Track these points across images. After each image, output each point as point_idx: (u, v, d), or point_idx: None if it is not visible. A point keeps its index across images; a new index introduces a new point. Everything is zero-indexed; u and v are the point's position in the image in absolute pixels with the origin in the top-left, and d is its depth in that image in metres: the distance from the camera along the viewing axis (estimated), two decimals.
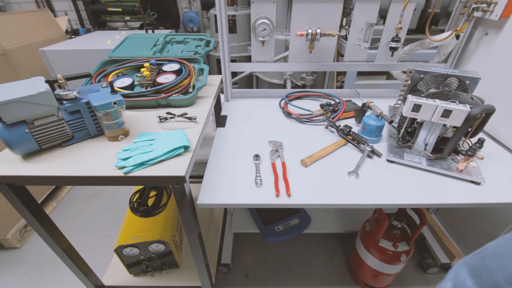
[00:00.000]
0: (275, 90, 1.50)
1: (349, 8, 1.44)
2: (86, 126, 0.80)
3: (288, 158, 0.91)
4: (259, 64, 1.28)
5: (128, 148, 0.76)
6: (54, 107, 0.71)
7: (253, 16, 1.15)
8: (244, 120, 1.16)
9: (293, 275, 1.40)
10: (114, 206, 1.81)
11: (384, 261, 1.12)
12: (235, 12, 2.35)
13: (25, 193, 0.78)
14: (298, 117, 1.14)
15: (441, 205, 0.76)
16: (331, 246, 1.54)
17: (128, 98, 0.95)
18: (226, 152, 0.95)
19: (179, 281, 1.22)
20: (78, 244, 1.08)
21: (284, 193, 0.77)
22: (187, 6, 3.06)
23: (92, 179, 0.70)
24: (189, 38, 1.36)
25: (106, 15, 3.13)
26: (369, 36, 1.13)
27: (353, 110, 1.15)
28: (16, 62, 1.58)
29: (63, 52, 1.67)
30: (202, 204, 0.75)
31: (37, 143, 0.73)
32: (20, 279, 1.39)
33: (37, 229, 0.86)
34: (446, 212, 1.57)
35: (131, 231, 1.13)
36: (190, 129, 0.87)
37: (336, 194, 0.77)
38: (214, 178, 0.83)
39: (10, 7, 3.19)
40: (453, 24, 1.22)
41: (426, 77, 0.94)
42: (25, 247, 1.54)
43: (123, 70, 1.13)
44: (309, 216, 1.49)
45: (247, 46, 2.54)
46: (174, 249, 1.17)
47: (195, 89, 1.00)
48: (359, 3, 1.11)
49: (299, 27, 1.15)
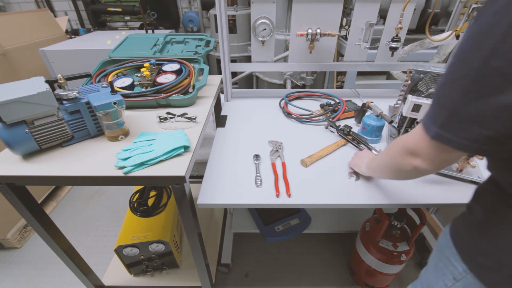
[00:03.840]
0: (275, 90, 1.50)
1: (349, 8, 1.44)
2: (86, 126, 0.80)
3: (288, 158, 0.91)
4: (259, 64, 1.28)
5: (128, 148, 0.76)
6: (54, 107, 0.71)
7: (253, 16, 1.15)
8: (244, 120, 1.16)
9: (293, 275, 1.40)
10: (114, 206, 1.81)
11: (384, 261, 1.12)
12: (235, 12, 2.35)
13: (25, 193, 0.78)
14: (298, 117, 1.14)
15: (441, 205, 0.76)
16: (331, 246, 1.54)
17: (128, 98, 0.95)
18: (226, 152, 0.95)
19: (179, 281, 1.22)
20: (78, 244, 1.08)
21: (284, 193, 0.77)
22: (187, 6, 3.06)
23: (92, 179, 0.70)
24: (189, 38, 1.36)
25: (106, 15, 3.13)
26: (369, 36, 1.13)
27: (353, 110, 1.15)
28: (16, 62, 1.58)
29: (63, 52, 1.67)
30: (202, 204, 0.75)
31: (37, 143, 0.73)
32: (20, 279, 1.39)
33: (37, 229, 0.86)
34: (446, 212, 1.57)
35: (131, 231, 1.13)
36: (190, 129, 0.87)
37: (336, 194, 0.77)
38: (214, 178, 0.83)
39: (10, 7, 3.19)
40: (453, 24, 1.22)
41: (426, 77, 0.94)
42: (25, 247, 1.54)
43: (123, 70, 1.13)
44: (309, 216, 1.49)
45: (247, 46, 2.54)
46: (174, 249, 1.17)
47: (195, 89, 1.00)
48: (359, 3, 1.11)
49: (299, 27, 1.15)
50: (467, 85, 0.38)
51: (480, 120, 0.38)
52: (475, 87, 0.37)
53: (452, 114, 0.41)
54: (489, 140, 0.38)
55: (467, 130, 0.39)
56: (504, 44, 0.34)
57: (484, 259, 0.49)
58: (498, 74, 0.35)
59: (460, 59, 0.40)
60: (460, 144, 0.41)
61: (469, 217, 0.55)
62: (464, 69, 0.39)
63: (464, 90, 0.39)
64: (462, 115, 0.39)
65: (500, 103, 0.36)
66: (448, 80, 0.42)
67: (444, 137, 0.42)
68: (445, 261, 0.57)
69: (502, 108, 0.36)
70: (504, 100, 0.35)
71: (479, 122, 0.38)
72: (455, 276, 0.53)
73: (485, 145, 0.39)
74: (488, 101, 0.37)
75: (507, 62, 0.34)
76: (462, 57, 0.40)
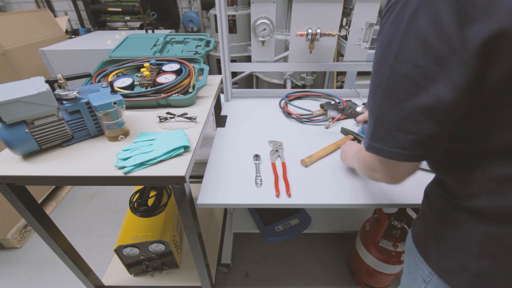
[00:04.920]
0: (275, 90, 1.50)
1: (349, 8, 1.44)
2: (86, 126, 0.80)
3: (288, 158, 0.91)
4: (259, 64, 1.28)
5: (128, 148, 0.76)
6: (54, 107, 0.71)
7: (253, 16, 1.15)
8: (244, 120, 1.16)
9: (293, 275, 1.40)
10: (114, 206, 1.81)
11: (384, 261, 1.12)
12: (235, 12, 2.35)
13: (25, 193, 0.78)
14: (298, 117, 1.14)
15: None
16: (331, 246, 1.54)
17: (128, 98, 0.95)
18: (226, 152, 0.95)
19: (179, 281, 1.22)
20: (78, 244, 1.08)
21: (284, 193, 0.77)
22: (187, 6, 3.06)
23: (92, 179, 0.70)
24: (189, 38, 1.36)
25: (106, 15, 3.12)
26: (369, 36, 1.13)
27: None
28: (16, 62, 1.58)
29: (63, 52, 1.67)
30: (202, 204, 0.75)
31: (37, 143, 0.73)
32: (20, 279, 1.39)
33: (37, 229, 0.86)
34: None
35: (131, 231, 1.13)
36: (190, 129, 0.87)
37: (336, 194, 0.77)
38: (214, 178, 0.83)
39: (10, 7, 3.19)
40: None
41: None
42: (25, 247, 1.54)
43: (123, 70, 1.13)
44: (309, 216, 1.49)
45: (247, 46, 2.54)
46: (174, 249, 1.17)
47: (195, 89, 1.00)
48: (359, 3, 1.11)
49: (299, 27, 1.15)
50: (383, 93, 0.39)
51: (402, 126, 0.38)
52: (390, 94, 0.38)
53: (377, 124, 0.41)
54: (416, 145, 0.39)
55: (393, 138, 0.40)
56: (404, 49, 0.36)
57: (446, 263, 0.49)
58: (405, 78, 0.36)
59: (374, 69, 0.41)
60: (390, 152, 0.41)
61: (423, 220, 0.55)
62: (379, 78, 0.40)
63: (381, 98, 0.40)
64: (385, 124, 0.40)
65: (415, 106, 0.36)
66: (370, 90, 0.43)
67: (375, 147, 0.42)
68: (413, 265, 0.57)
69: (418, 111, 0.37)
70: (418, 103, 0.36)
71: (401, 128, 0.38)
72: (424, 279, 0.54)
73: (414, 150, 0.39)
74: (404, 106, 0.37)
75: (410, 66, 0.35)
76: (375, 67, 0.41)
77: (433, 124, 0.37)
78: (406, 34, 0.35)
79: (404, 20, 0.35)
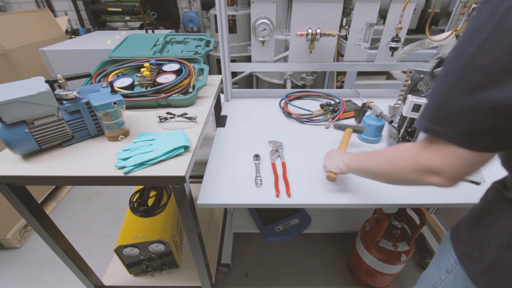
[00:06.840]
0: (275, 90, 1.50)
1: (349, 8, 1.44)
2: (86, 126, 0.80)
3: (288, 158, 0.91)
4: (259, 64, 1.28)
5: (128, 148, 0.76)
6: (54, 107, 0.71)
7: (253, 16, 1.15)
8: (244, 120, 1.16)
9: (293, 275, 1.40)
10: (114, 206, 1.81)
11: (384, 261, 1.12)
12: (235, 12, 2.35)
13: (25, 193, 0.78)
14: (298, 117, 1.14)
15: (441, 205, 0.76)
16: (331, 246, 1.54)
17: (128, 98, 0.95)
18: (226, 152, 0.95)
19: (179, 281, 1.22)
20: (78, 244, 1.08)
21: (284, 193, 0.77)
22: (187, 6, 3.06)
23: (92, 179, 0.70)
24: (189, 38, 1.36)
25: (106, 15, 3.12)
26: (369, 36, 1.13)
27: (353, 110, 1.15)
28: (16, 62, 1.58)
29: (63, 52, 1.67)
30: (202, 204, 0.75)
31: (37, 143, 0.73)
32: (20, 279, 1.39)
33: (37, 229, 0.86)
34: (446, 212, 1.57)
35: (131, 231, 1.13)
36: (190, 129, 0.87)
37: (336, 194, 0.77)
38: (214, 178, 0.83)
39: (10, 7, 3.19)
40: (453, 24, 1.22)
41: (426, 77, 0.94)
42: (25, 247, 1.54)
43: (123, 70, 1.13)
44: (309, 216, 1.49)
45: (247, 46, 2.54)
46: (174, 249, 1.17)
47: (195, 89, 1.00)
48: (359, 3, 1.11)
49: (299, 27, 1.15)
50: (453, 81, 0.39)
51: (465, 115, 0.39)
52: (461, 83, 0.38)
53: (440, 108, 0.41)
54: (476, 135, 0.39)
55: (454, 124, 0.40)
56: (490, 42, 0.35)
57: (470, 249, 0.50)
58: (482, 71, 0.36)
59: (451, 56, 0.41)
60: (447, 136, 0.41)
61: (469, 213, 0.56)
62: (453, 66, 0.40)
63: (450, 85, 0.40)
64: (448, 109, 0.40)
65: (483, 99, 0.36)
66: (439, 76, 0.43)
67: (433, 129, 0.42)
68: (442, 255, 0.58)
69: (484, 105, 0.37)
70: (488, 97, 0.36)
71: (463, 117, 0.39)
72: (448, 269, 0.55)
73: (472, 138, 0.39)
74: (471, 97, 0.37)
75: (491, 59, 0.35)
76: (453, 54, 0.41)
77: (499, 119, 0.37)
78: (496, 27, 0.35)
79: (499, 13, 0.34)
